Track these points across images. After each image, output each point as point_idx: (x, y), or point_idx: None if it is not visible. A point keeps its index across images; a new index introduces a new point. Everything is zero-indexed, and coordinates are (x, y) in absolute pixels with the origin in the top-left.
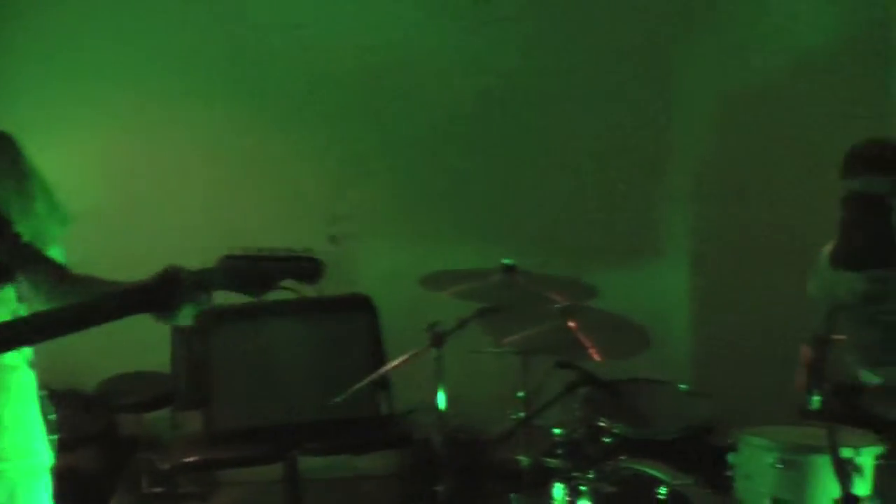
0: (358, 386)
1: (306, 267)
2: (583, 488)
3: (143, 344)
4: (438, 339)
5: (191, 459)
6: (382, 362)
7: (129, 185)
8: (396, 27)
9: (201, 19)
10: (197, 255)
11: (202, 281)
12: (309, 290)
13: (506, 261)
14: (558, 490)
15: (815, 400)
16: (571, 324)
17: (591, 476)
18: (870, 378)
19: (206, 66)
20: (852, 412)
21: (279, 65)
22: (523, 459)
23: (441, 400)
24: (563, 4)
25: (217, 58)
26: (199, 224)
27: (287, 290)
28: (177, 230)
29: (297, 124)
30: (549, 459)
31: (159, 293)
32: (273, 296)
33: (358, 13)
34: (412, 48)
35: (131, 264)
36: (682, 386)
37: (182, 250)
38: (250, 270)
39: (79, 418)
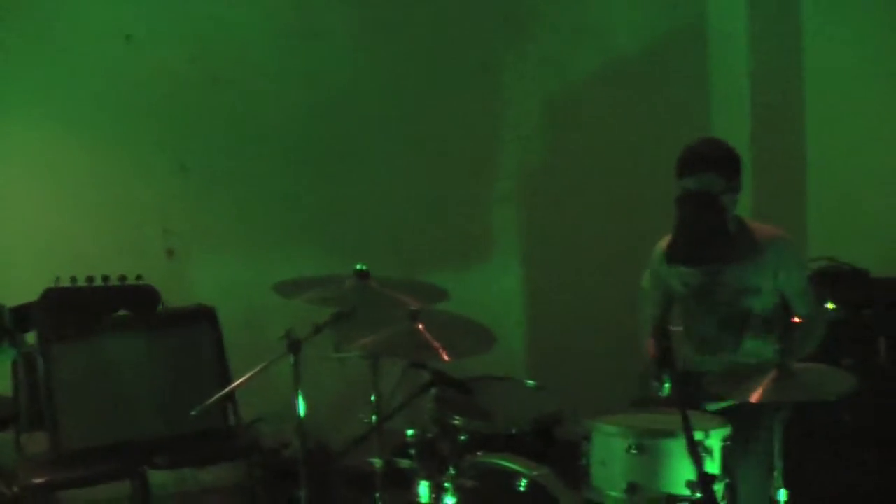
0: (218, 396)
1: (138, 296)
2: (447, 485)
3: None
4: (295, 346)
5: (38, 481)
6: (226, 373)
7: None
8: (228, 37)
9: (29, 31)
10: (27, 278)
11: (21, 318)
12: None
13: (359, 266)
14: (423, 488)
15: (666, 387)
16: (419, 326)
17: (451, 472)
18: (706, 365)
19: (33, 79)
20: (692, 398)
21: (108, 77)
22: (376, 461)
23: (300, 407)
24: (397, 13)
25: (46, 70)
26: (29, 245)
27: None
28: (8, 251)
29: (128, 137)
30: (401, 460)
31: None
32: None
33: (189, 23)
34: (244, 57)
35: None
36: (529, 382)
37: (12, 273)
38: (76, 303)
39: None
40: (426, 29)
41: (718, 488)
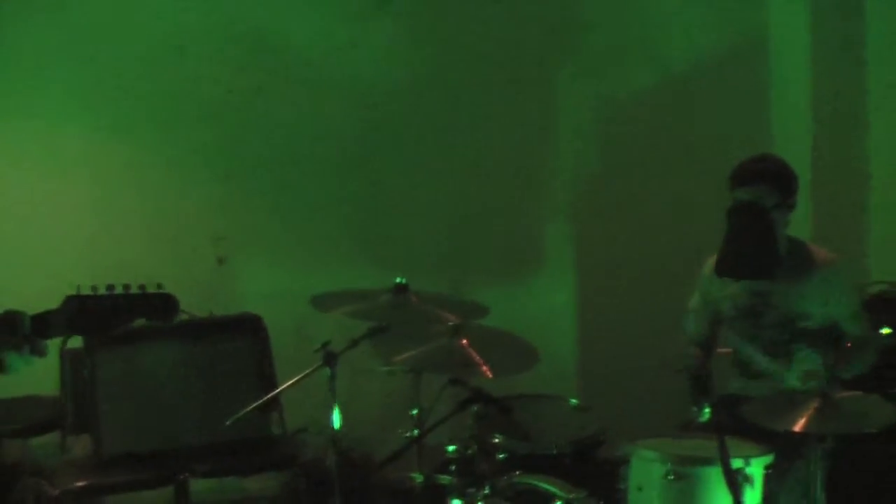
0: (252, 406)
1: (158, 304)
2: None
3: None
4: (331, 359)
5: (81, 484)
6: (272, 382)
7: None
8: (274, 48)
9: (84, 42)
10: (76, 284)
11: (42, 326)
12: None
13: (398, 280)
14: None
15: (705, 412)
16: (463, 341)
17: (486, 492)
18: (752, 389)
19: (86, 89)
20: (735, 423)
21: (158, 87)
22: (416, 476)
23: (335, 419)
24: (445, 22)
25: (97, 79)
26: (78, 253)
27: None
28: (57, 256)
29: (178, 144)
30: (441, 476)
31: None
32: None
33: (237, 35)
34: (296, 63)
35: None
36: (572, 401)
37: (62, 278)
38: (96, 311)
39: None
40: (476, 40)
41: None
